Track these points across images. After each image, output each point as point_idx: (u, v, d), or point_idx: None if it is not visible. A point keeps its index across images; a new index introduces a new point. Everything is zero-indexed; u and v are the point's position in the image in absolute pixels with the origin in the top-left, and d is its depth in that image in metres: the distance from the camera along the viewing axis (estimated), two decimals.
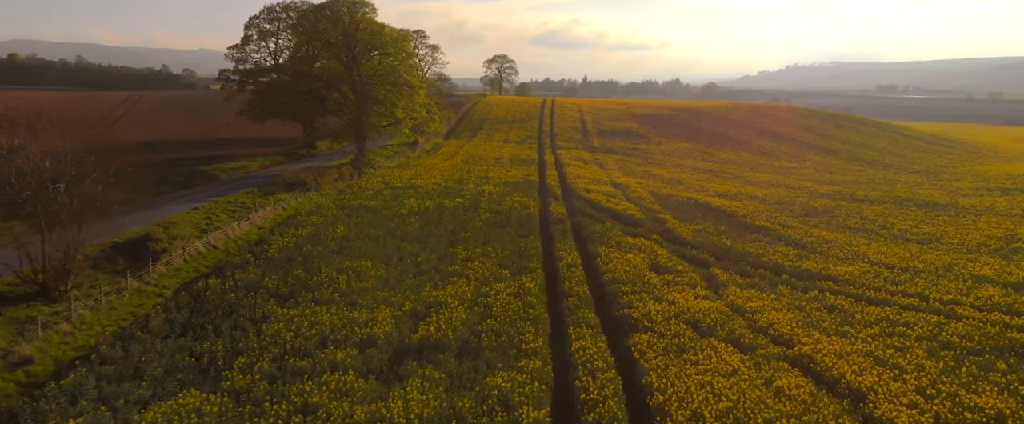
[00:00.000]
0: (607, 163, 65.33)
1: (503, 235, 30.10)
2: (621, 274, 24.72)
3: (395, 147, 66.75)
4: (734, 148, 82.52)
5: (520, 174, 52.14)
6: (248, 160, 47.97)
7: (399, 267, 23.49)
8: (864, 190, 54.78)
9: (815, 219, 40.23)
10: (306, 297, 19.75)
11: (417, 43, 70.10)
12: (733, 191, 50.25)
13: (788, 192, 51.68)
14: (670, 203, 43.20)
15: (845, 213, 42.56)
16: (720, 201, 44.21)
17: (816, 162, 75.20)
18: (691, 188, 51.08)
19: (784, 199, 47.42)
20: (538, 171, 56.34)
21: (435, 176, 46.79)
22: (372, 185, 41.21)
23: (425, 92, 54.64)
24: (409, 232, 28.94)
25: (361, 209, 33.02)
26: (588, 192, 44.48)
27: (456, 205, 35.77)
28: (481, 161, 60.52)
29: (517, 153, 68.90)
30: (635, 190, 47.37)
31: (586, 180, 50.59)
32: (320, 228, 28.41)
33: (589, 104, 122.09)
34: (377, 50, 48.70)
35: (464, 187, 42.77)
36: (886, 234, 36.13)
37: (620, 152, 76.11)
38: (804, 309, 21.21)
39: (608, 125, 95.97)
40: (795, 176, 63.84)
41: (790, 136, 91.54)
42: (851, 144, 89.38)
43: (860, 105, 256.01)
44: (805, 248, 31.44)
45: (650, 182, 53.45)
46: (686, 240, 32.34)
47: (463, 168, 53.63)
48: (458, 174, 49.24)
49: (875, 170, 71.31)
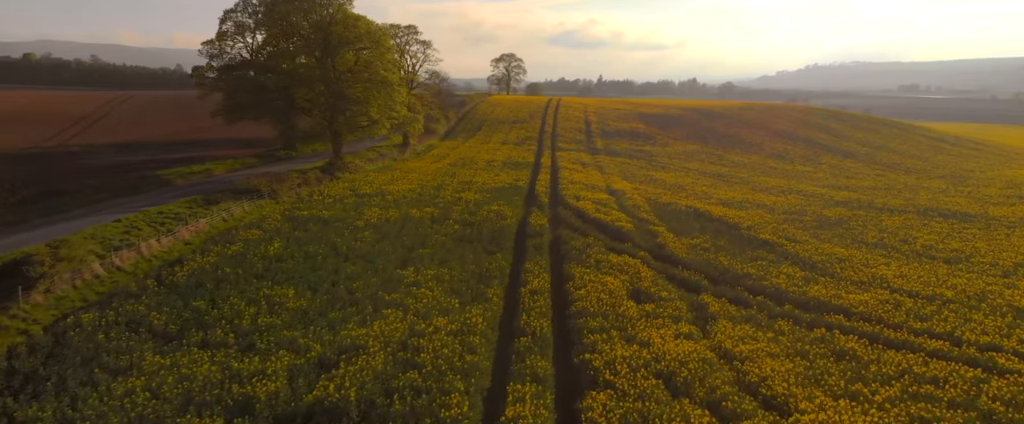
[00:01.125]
0: (607, 166, 61.52)
1: (468, 252, 26.56)
2: (593, 303, 21.07)
3: (384, 149, 63.53)
4: (745, 151, 78.16)
5: (509, 178, 48.58)
6: (215, 163, 45.02)
7: (328, 295, 20.04)
8: (883, 197, 50.40)
9: (827, 232, 36.15)
10: (195, 338, 16.36)
11: (408, 39, 66.92)
12: (739, 198, 46.22)
13: (800, 200, 47.51)
14: (667, 212, 39.36)
15: (862, 225, 38.41)
16: (723, 210, 40.27)
17: (832, 166, 70.64)
18: (693, 195, 47.12)
19: (794, 208, 43.32)
20: (530, 175, 52.76)
21: (412, 181, 43.38)
22: (336, 192, 37.83)
23: (407, 90, 51.22)
24: (357, 249, 25.50)
25: (311, 221, 29.65)
26: (578, 200, 40.80)
27: (424, 215, 32.28)
28: (471, 164, 57.08)
29: (512, 155, 65.35)
30: (631, 197, 43.59)
31: (579, 186, 46.89)
32: (251, 245, 25.04)
33: (595, 104, 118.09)
34: (352, 45, 45.41)
35: (441, 194, 39.30)
36: (908, 251, 32.00)
37: (623, 154, 72.19)
38: (807, 355, 17.38)
39: (613, 126, 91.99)
40: (809, 181, 59.52)
41: (806, 138, 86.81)
42: (870, 146, 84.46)
43: (881, 105, 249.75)
44: (814, 269, 27.50)
45: (650, 188, 49.59)
46: (677, 258, 28.55)
47: (448, 172, 50.19)
48: (439, 179, 45.78)
49: (896, 174, 66.63)
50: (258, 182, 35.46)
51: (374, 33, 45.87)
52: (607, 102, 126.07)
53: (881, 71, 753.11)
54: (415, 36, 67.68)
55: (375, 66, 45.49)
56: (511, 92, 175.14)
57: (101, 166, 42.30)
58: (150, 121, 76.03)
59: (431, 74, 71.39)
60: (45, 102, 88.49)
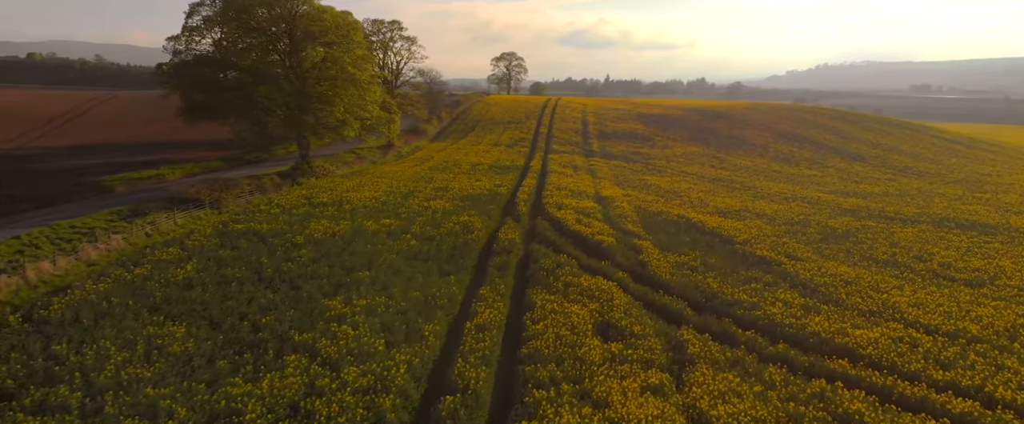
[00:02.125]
0: (600, 170, 58.07)
1: (418, 274, 23.25)
2: (550, 342, 17.72)
3: (364, 151, 60.37)
4: (749, 153, 74.43)
5: (490, 184, 45.24)
6: (172, 167, 42.01)
7: (226, 335, 16.79)
8: (895, 205, 46.70)
9: (833, 247, 32.59)
10: (31, 398, 13.15)
11: (392, 35, 63.67)
12: (737, 207, 42.67)
13: (803, 208, 43.89)
14: (655, 223, 35.92)
15: (871, 237, 34.82)
16: (718, 221, 36.78)
17: (840, 169, 66.81)
18: (688, 203, 43.62)
19: (797, 217, 39.74)
20: (515, 180, 49.41)
21: (381, 187, 40.09)
22: (288, 200, 34.57)
23: (381, 89, 47.97)
24: (286, 272, 22.24)
25: (244, 236, 26.41)
26: (560, 209, 37.42)
27: (379, 228, 28.96)
28: (454, 167, 53.79)
29: (501, 158, 62.05)
30: (619, 205, 40.17)
31: (566, 192, 43.50)
32: (160, 267, 21.84)
33: (595, 104, 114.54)
34: (319, 39, 42.18)
35: (408, 202, 36.00)
36: (924, 270, 28.40)
37: (619, 157, 68.70)
38: (801, 422, 13.94)
39: (611, 126, 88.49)
40: (815, 186, 55.81)
41: (813, 139, 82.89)
42: (880, 148, 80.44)
43: (892, 105, 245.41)
44: (816, 294, 24.00)
45: (641, 194, 46.12)
46: (660, 280, 25.13)
47: (425, 176, 46.89)
48: (412, 184, 42.48)
49: (908, 179, 62.77)
50: (199, 190, 32.26)
51: (342, 27, 42.59)
52: (607, 102, 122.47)
53: (892, 71, 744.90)
54: (400, 32, 64.47)
55: (342, 62, 42.20)
56: (512, 92, 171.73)
57: (47, 170, 39.45)
58: (128, 121, 73.29)
59: (417, 72, 68.12)
60: (29, 101, 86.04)
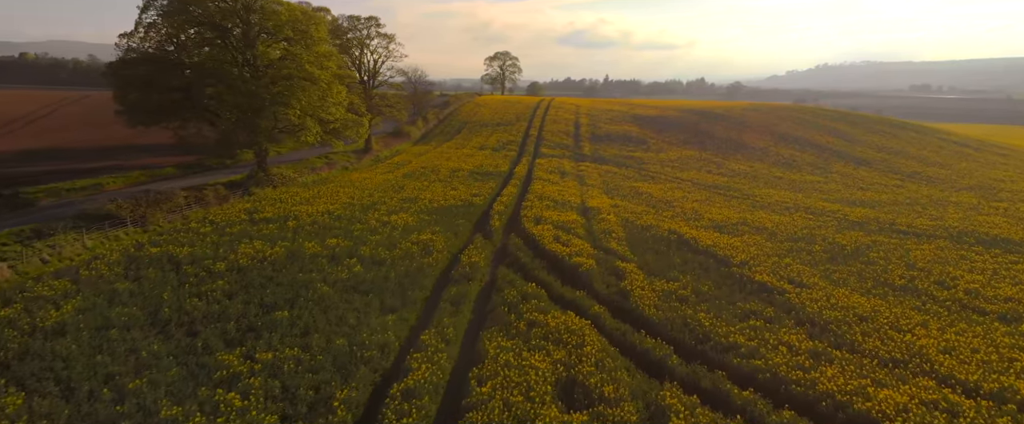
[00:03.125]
0: (589, 176, 54.36)
1: (353, 312, 19.50)
2: (495, 414, 13.99)
3: (337, 155, 56.64)
4: (748, 157, 70.68)
5: (466, 193, 41.52)
6: (117, 175, 38.25)
7: (79, 408, 13.05)
8: (907, 215, 43.01)
9: (842, 268, 28.86)
10: None
11: (369, 31, 59.87)
12: (735, 219, 38.95)
13: (807, 220, 40.17)
14: (643, 240, 32.19)
15: (885, 256, 31.11)
16: (713, 237, 33.05)
17: (845, 175, 63.08)
18: (680, 214, 39.88)
19: (801, 232, 36.03)
20: (495, 188, 45.70)
21: (341, 198, 36.30)
22: (225, 216, 30.75)
23: (346, 89, 44.18)
24: (189, 311, 18.50)
25: (156, 263, 22.66)
26: (538, 223, 33.73)
27: (321, 251, 25.17)
28: (431, 174, 50.05)
29: (485, 163, 58.34)
30: (605, 218, 36.46)
31: (548, 203, 39.79)
32: (32, 307, 18.07)
33: (589, 105, 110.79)
34: (275, 34, 38.37)
35: (367, 216, 32.22)
36: (948, 300, 24.65)
37: (611, 161, 65.00)
38: None
39: (604, 129, 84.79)
40: (819, 194, 52.09)
41: (815, 142, 79.14)
42: (886, 151, 76.69)
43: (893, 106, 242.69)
44: (826, 333, 20.28)
45: (631, 205, 42.39)
46: (642, 315, 21.40)
47: (395, 185, 43.14)
48: (379, 194, 38.72)
49: (916, 185, 59.05)
50: (120, 205, 28.46)
51: (300, 21, 38.71)
52: (601, 103, 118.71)
53: (892, 71, 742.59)
54: (377, 28, 60.60)
55: (300, 59, 38.37)
56: (507, 92, 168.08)
57: None
58: (95, 123, 69.45)
59: (397, 71, 64.25)
60: None
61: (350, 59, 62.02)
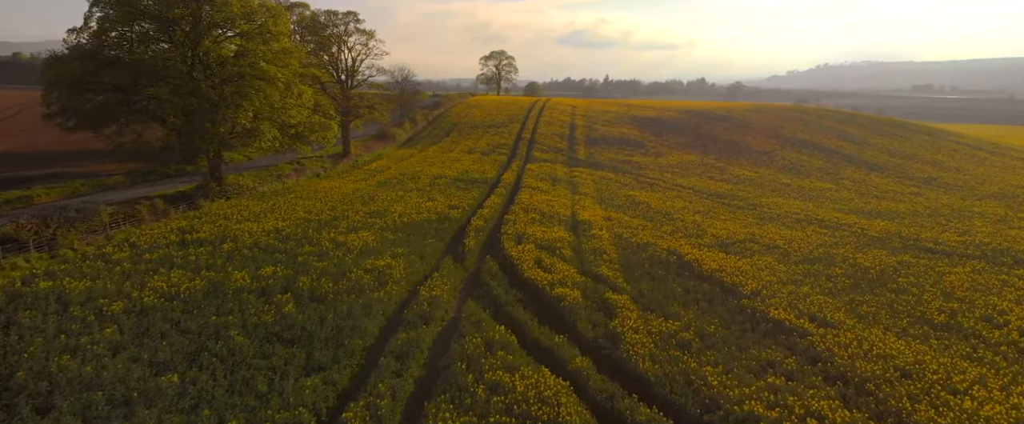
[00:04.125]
0: (582, 184, 50.25)
1: (264, 373, 15.41)
2: None
3: (311, 161, 52.53)
4: (752, 162, 66.58)
5: (444, 205, 37.43)
6: (52, 187, 34.03)
7: None
8: (931, 229, 38.97)
9: (870, 298, 24.79)
10: None
11: (347, 28, 55.75)
12: (741, 235, 34.85)
13: (822, 235, 36.09)
14: (639, 263, 28.11)
15: (916, 282, 27.03)
16: (718, 259, 28.94)
17: (856, 181, 58.99)
18: (681, 229, 35.78)
19: (817, 251, 31.93)
20: (478, 198, 41.64)
21: (296, 213, 32.16)
22: (151, 237, 26.40)
23: (311, 91, 40.02)
24: (54, 374, 14.36)
25: (38, 303, 18.41)
26: (520, 242, 29.68)
27: (250, 284, 21.00)
28: (410, 181, 45.96)
29: (471, 168, 54.23)
30: (597, 234, 32.40)
31: (534, 216, 35.75)
32: None
33: (585, 105, 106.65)
34: (226, 27, 34.23)
35: (321, 236, 28.06)
36: (1003, 344, 20.54)
37: (606, 166, 60.91)
38: None
39: (601, 131, 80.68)
40: (831, 203, 48.01)
41: (823, 146, 75.03)
42: (898, 155, 72.60)
43: (895, 106, 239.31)
44: (864, 397, 16.26)
45: (626, 218, 38.31)
46: (635, 370, 17.34)
47: (366, 195, 39.01)
48: (343, 207, 34.58)
49: (934, 192, 54.98)
50: (22, 226, 24.29)
51: (253, 13, 34.55)
52: (598, 104, 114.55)
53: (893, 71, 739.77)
54: (355, 24, 56.41)
55: (253, 56, 34.22)
56: (502, 92, 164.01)
57: None
58: None
59: (377, 69, 59.99)
60: None
61: (328, 57, 57.90)
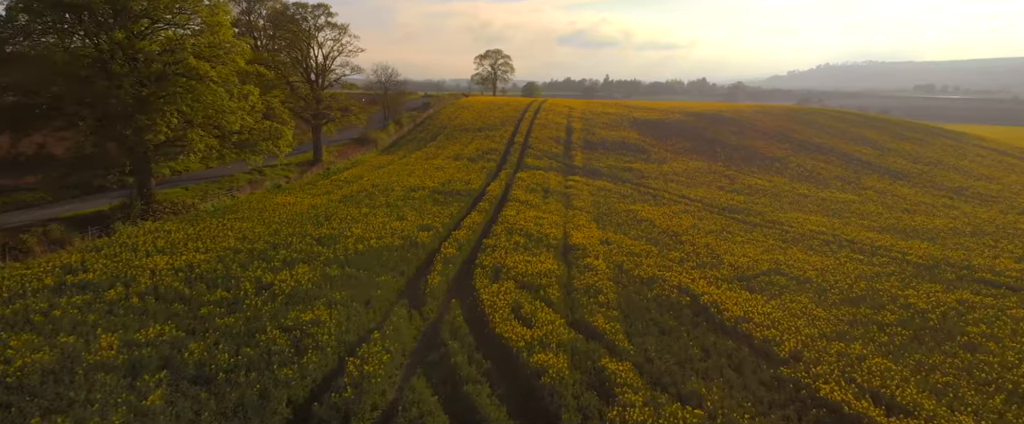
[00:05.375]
0: (578, 196, 44.64)
1: None
2: None
3: (275, 170, 46.94)
4: (765, 169, 60.91)
5: (414, 225, 31.84)
6: None
7: None
8: (981, 252, 33.47)
9: (939, 361, 19.17)
10: None
11: (318, 22, 50.23)
12: (764, 263, 29.20)
13: (857, 263, 30.45)
14: (644, 308, 22.51)
15: (989, 332, 21.44)
16: (741, 301, 23.32)
17: (881, 191, 53.36)
18: (692, 256, 30.13)
19: (858, 286, 26.29)
20: (457, 216, 36.10)
21: (228, 240, 26.46)
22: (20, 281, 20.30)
23: (258, 91, 34.37)
24: None
25: None
26: (498, 278, 24.15)
27: (108, 360, 15.34)
28: (381, 194, 40.35)
29: (455, 177, 48.64)
30: (592, 265, 26.85)
31: (519, 240, 30.20)
32: None
33: (583, 107, 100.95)
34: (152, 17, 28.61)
35: (246, 274, 22.38)
36: None
37: (605, 175, 55.28)
38: None
39: (600, 134, 75.02)
40: (858, 219, 42.41)
41: (839, 150, 69.36)
42: (922, 162, 66.94)
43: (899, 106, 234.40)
44: None
45: (627, 240, 32.70)
46: None
47: (321, 214, 33.37)
48: (286, 232, 28.90)
49: (969, 205, 49.37)
50: None
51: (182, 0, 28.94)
52: (597, 105, 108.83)
53: (894, 71, 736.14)
54: (327, 17, 50.80)
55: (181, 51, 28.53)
56: (498, 92, 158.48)
57: None
58: None
59: (353, 68, 54.29)
60: None
61: (298, 55, 52.31)
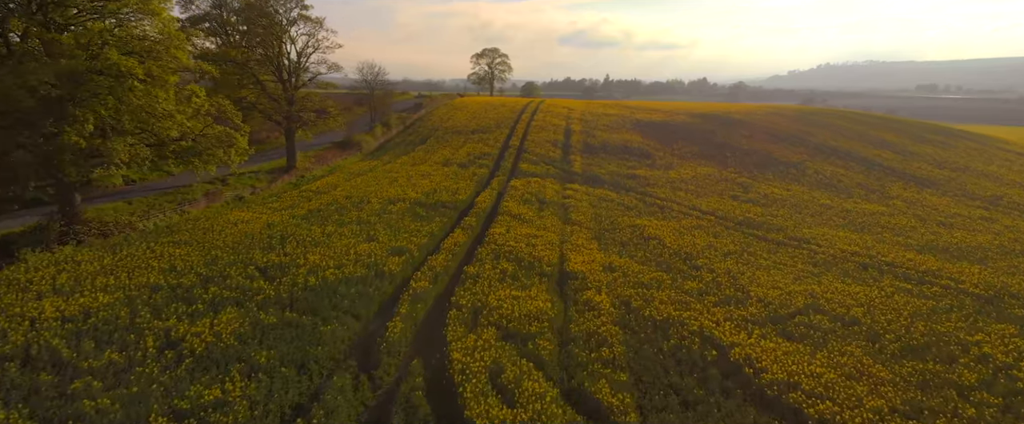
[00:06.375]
0: (577, 208, 39.93)
1: None
2: None
3: (240, 179, 42.16)
4: (781, 176, 56.14)
5: (384, 248, 27.10)
6: None
7: None
8: None
9: None
10: None
11: (292, 14, 45.42)
12: (798, 297, 24.42)
13: (906, 295, 25.69)
14: (658, 368, 17.78)
15: None
16: (779, 354, 18.60)
17: (910, 201, 48.61)
18: (712, 288, 25.37)
19: (916, 329, 21.56)
20: (438, 235, 31.41)
21: (147, 276, 21.75)
22: None
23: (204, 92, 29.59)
24: None
25: None
26: (475, 326, 19.47)
27: None
28: (352, 210, 35.60)
29: (442, 186, 43.91)
30: (593, 302, 22.17)
31: (506, 266, 25.52)
32: None
33: (583, 108, 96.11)
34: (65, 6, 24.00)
35: (151, 326, 17.64)
36: None
37: (607, 183, 50.52)
38: None
39: (601, 137, 70.23)
40: (891, 235, 37.70)
41: (859, 155, 64.54)
42: (948, 167, 62.18)
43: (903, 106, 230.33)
44: None
45: (634, 264, 27.95)
46: None
47: (276, 235, 28.60)
48: (226, 260, 24.16)
49: (1009, 218, 44.64)
50: None
51: None
52: (597, 106, 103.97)
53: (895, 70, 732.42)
54: (301, 10, 45.99)
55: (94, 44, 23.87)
56: (495, 92, 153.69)
57: None
58: None
59: (331, 65, 49.45)
60: None
61: (269, 51, 47.52)
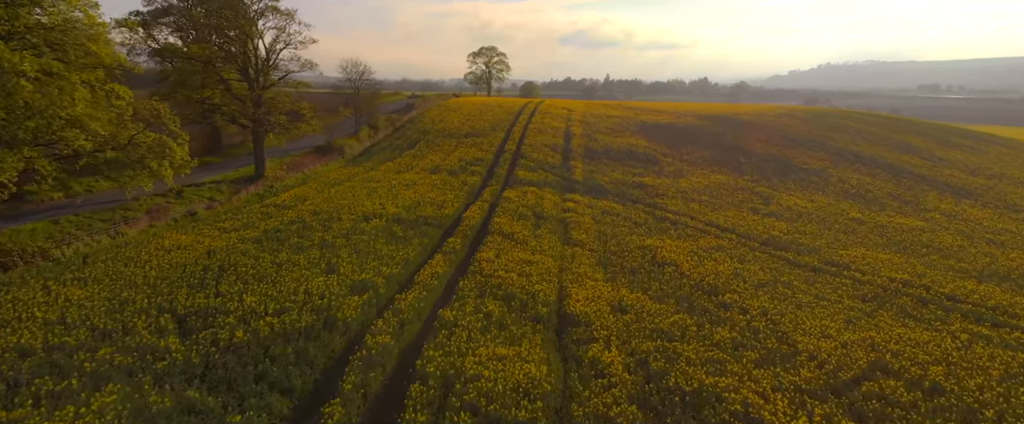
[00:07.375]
0: (578, 225, 34.98)
1: None
2: None
3: (197, 192, 37.21)
4: (803, 185, 51.13)
5: (347, 284, 22.14)
6: None
7: None
8: None
9: None
10: None
11: (263, 7, 40.42)
12: (857, 351, 19.44)
13: (984, 343, 20.81)
14: None
15: None
16: None
17: (950, 214, 43.61)
18: (747, 337, 20.38)
19: (1009, 396, 16.58)
20: (415, 263, 26.50)
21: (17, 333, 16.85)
22: None
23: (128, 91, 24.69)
24: None
25: None
26: (445, 409, 14.47)
27: None
28: (318, 229, 30.60)
29: (428, 198, 38.94)
30: (599, 363, 17.32)
31: (492, 307, 20.65)
32: None
33: (584, 109, 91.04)
34: None
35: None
36: None
37: (611, 193, 45.51)
38: None
39: (603, 141, 65.22)
40: (938, 257, 32.76)
41: (885, 161, 59.51)
42: (982, 174, 57.21)
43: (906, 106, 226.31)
44: None
45: (649, 302, 22.98)
46: None
47: (215, 266, 23.60)
48: (137, 304, 19.21)
49: None
50: None
51: None
52: (599, 107, 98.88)
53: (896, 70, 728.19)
54: (270, 1, 40.97)
55: None
56: (493, 92, 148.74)
57: None
58: None
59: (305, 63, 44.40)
60: None
61: (234, 47, 42.49)
